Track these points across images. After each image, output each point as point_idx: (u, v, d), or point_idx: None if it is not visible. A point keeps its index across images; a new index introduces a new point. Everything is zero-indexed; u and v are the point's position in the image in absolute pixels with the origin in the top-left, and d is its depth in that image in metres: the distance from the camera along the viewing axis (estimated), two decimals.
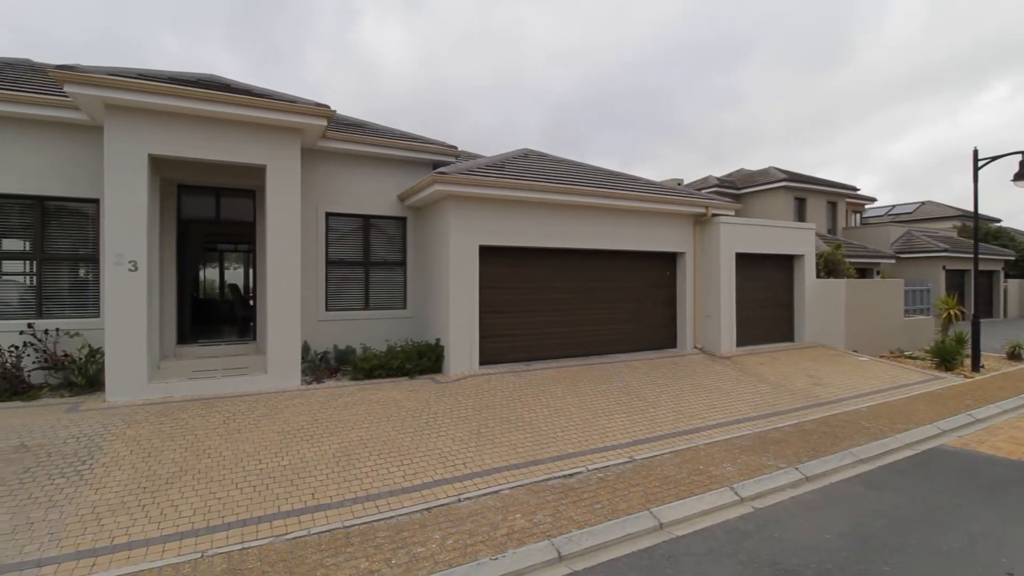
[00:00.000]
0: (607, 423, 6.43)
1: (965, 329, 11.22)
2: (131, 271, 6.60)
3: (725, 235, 10.79)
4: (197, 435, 5.49)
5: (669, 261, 11.08)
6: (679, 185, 20.02)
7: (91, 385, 6.89)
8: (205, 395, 6.87)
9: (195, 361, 8.15)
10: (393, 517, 4.05)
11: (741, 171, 24.73)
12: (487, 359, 8.72)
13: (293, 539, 3.71)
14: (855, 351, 11.33)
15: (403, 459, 5.14)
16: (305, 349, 8.10)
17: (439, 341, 8.55)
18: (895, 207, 33.71)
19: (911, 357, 11.30)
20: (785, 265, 12.28)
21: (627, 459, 5.33)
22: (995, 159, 10.16)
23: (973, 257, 11.13)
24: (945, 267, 21.10)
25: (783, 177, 21.10)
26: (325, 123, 7.62)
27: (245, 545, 3.61)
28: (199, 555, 3.49)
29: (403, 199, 9.46)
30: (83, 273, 7.71)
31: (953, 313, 13.81)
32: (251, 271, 12.83)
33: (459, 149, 10.14)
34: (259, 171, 7.61)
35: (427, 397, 7.09)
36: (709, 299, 10.89)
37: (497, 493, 4.50)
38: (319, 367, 8.19)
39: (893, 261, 20.89)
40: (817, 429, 6.41)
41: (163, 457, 4.94)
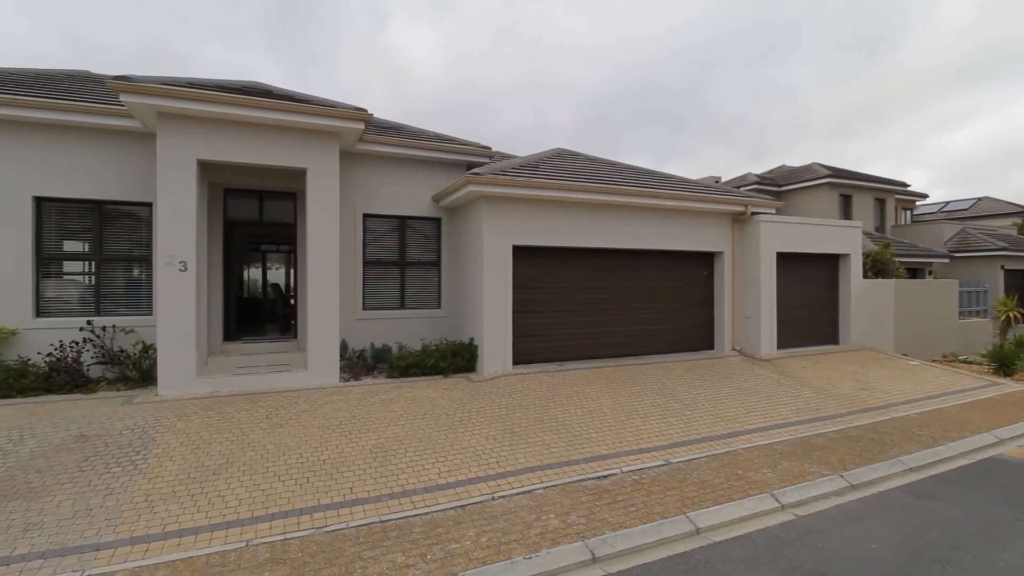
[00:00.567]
0: (642, 425, 6.35)
1: None
2: (181, 271, 6.92)
3: (765, 234, 10.49)
4: (242, 429, 5.71)
5: (706, 261, 10.85)
6: (716, 183, 19.56)
7: (144, 379, 7.25)
8: (249, 390, 7.13)
9: (240, 358, 8.47)
10: (428, 513, 4.12)
11: (782, 167, 23.98)
12: (520, 359, 8.74)
13: (332, 531, 3.81)
14: (905, 355, 10.83)
15: (438, 456, 5.21)
16: (343, 347, 8.30)
17: (473, 340, 8.63)
18: (949, 204, 32.04)
19: (966, 362, 10.72)
20: (829, 265, 11.85)
21: (662, 462, 5.25)
22: None
23: None
24: (1004, 267, 19.91)
25: (827, 173, 20.33)
26: (362, 126, 7.80)
27: (287, 536, 3.74)
28: (244, 544, 3.63)
29: (437, 200, 9.59)
30: (137, 273, 8.12)
31: (1012, 315, 13.02)
32: (292, 271, 13.24)
33: (493, 150, 10.19)
34: (300, 174, 7.85)
35: (461, 396, 7.16)
36: (748, 300, 10.61)
37: (530, 493, 4.51)
38: (357, 365, 8.38)
39: (947, 260, 19.85)
40: (864, 436, 6.16)
41: (211, 449, 5.16)
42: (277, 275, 18.29)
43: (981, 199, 30.58)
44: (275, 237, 13.84)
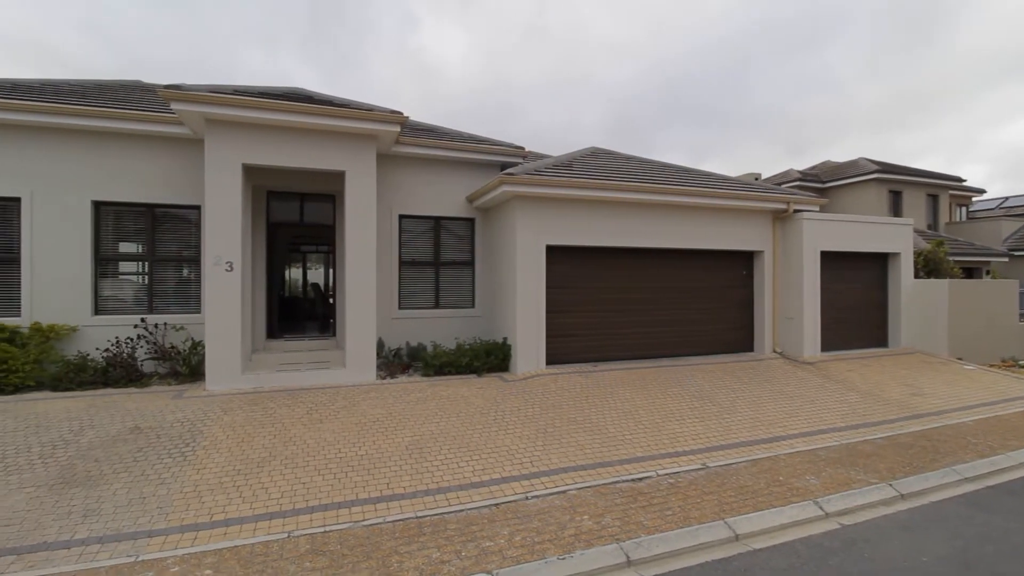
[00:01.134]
0: (678, 428, 6.24)
1: None
2: (228, 271, 7.21)
3: (808, 232, 10.14)
4: (284, 423, 5.90)
5: (746, 260, 10.56)
6: (756, 180, 19.03)
7: (193, 374, 7.58)
8: (291, 386, 7.36)
9: (282, 355, 8.75)
10: (463, 511, 4.16)
11: (826, 163, 23.11)
12: (554, 359, 8.72)
13: (370, 525, 3.90)
14: (959, 359, 10.27)
15: (472, 454, 5.26)
16: (380, 345, 8.47)
17: (506, 340, 8.66)
18: (1008, 199, 30.14)
19: None
20: (877, 264, 11.35)
21: (700, 466, 5.15)
22: None
23: None
24: None
25: (875, 168, 19.47)
26: (399, 129, 7.93)
27: (327, 528, 3.85)
28: (286, 535, 3.76)
29: (471, 200, 9.66)
30: (186, 273, 8.49)
31: None
32: (331, 271, 13.58)
33: (526, 150, 10.20)
34: (338, 177, 8.05)
35: (495, 395, 7.20)
36: (790, 300, 10.28)
37: (564, 493, 4.50)
38: (393, 363, 8.54)
39: (1006, 259, 18.71)
40: (915, 443, 5.89)
41: (255, 443, 5.36)
42: (316, 275, 18.78)
43: None
44: (315, 238, 14.22)
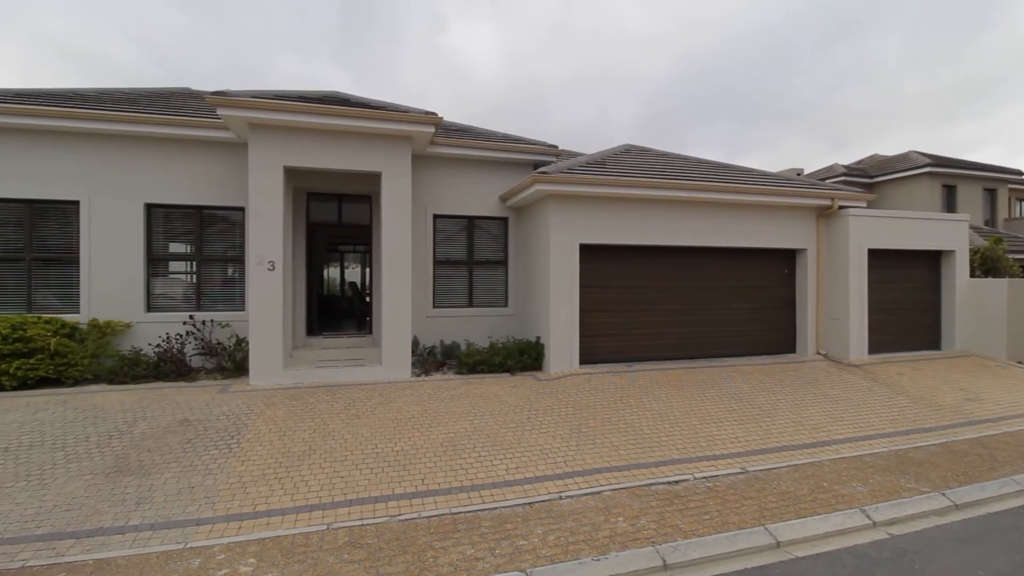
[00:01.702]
0: (716, 430, 6.10)
1: None
2: (270, 271, 7.45)
3: (855, 229, 9.73)
4: (323, 418, 6.06)
5: (787, 258, 10.23)
6: (799, 175, 18.40)
7: (238, 370, 7.87)
8: (329, 382, 7.54)
9: (320, 351, 8.99)
10: (496, 508, 4.18)
11: (874, 157, 22.14)
12: (587, 358, 8.65)
13: (405, 520, 3.96)
14: (1020, 362, 9.68)
15: (505, 453, 5.27)
16: (415, 343, 8.60)
17: (539, 339, 8.64)
18: None
19: None
20: (930, 262, 10.81)
21: (739, 470, 5.02)
22: None
23: None
24: None
25: (927, 162, 18.53)
26: (433, 129, 8.02)
27: (364, 522, 3.93)
28: (325, 527, 3.86)
29: (505, 199, 9.68)
30: (231, 272, 8.82)
31: None
32: (367, 270, 13.86)
33: (559, 148, 10.16)
34: (375, 178, 8.20)
35: (528, 394, 7.20)
36: (835, 300, 9.90)
37: (598, 494, 4.46)
38: (427, 361, 8.65)
39: None
40: (970, 451, 5.58)
41: (295, 436, 5.52)
42: (353, 274, 19.21)
43: None
44: (352, 238, 14.55)
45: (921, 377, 8.68)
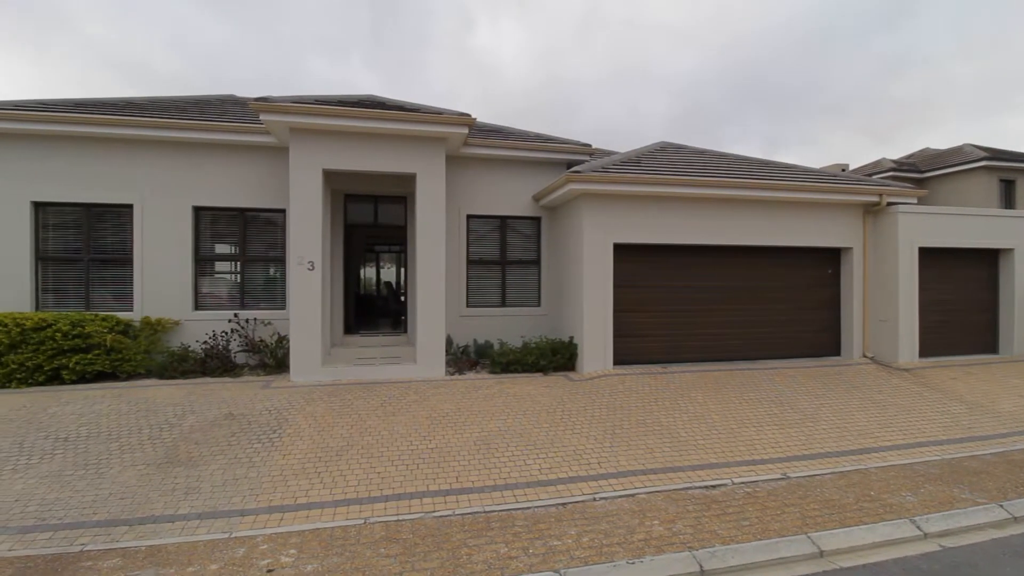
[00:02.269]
0: (755, 434, 5.93)
1: None
2: (309, 270, 7.66)
3: (904, 226, 9.30)
4: (360, 415, 6.19)
5: (832, 257, 9.86)
6: (843, 171, 17.70)
7: (279, 366, 8.12)
8: (366, 380, 7.70)
9: (358, 349, 9.19)
10: (530, 508, 4.18)
11: (925, 151, 21.09)
12: (621, 359, 8.56)
13: (440, 517, 4.01)
14: None
15: (538, 452, 5.27)
16: (448, 342, 8.68)
17: (572, 339, 8.60)
18: None
19: None
20: (987, 261, 10.23)
21: (780, 476, 4.87)
22: None
23: None
24: None
25: (982, 155, 17.51)
26: (467, 130, 8.08)
27: (400, 517, 4.00)
28: (362, 521, 3.94)
29: (537, 199, 9.67)
30: (272, 272, 9.11)
31: None
32: (402, 270, 14.10)
33: (593, 147, 10.08)
34: (409, 179, 8.33)
35: (561, 394, 7.17)
36: (883, 301, 9.48)
37: (633, 496, 4.41)
38: (461, 359, 8.72)
39: None
40: None
41: (334, 432, 5.66)
42: (389, 274, 19.56)
43: None
44: (387, 238, 14.83)
45: (976, 382, 8.22)
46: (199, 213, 8.70)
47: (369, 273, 19.43)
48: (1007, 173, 17.69)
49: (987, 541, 3.92)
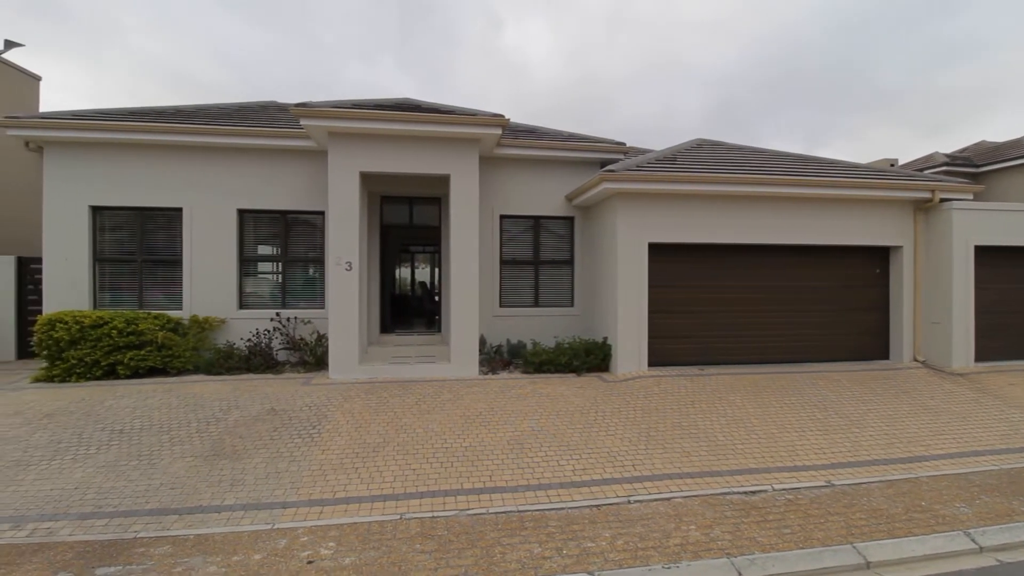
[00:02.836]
0: (797, 440, 5.75)
1: None
2: (347, 271, 7.84)
3: (959, 224, 8.83)
4: (396, 412, 6.30)
5: (879, 256, 9.45)
6: (892, 166, 16.94)
7: (318, 364, 8.35)
8: (401, 378, 7.83)
9: (393, 348, 9.35)
10: (563, 509, 4.17)
11: (981, 144, 19.95)
12: (656, 360, 8.43)
13: (474, 515, 4.04)
14: None
15: (572, 453, 5.24)
16: (482, 342, 8.74)
17: (606, 340, 8.52)
18: None
19: None
20: None
21: (823, 483, 4.71)
22: None
23: None
24: None
25: None
26: (500, 131, 8.12)
27: (435, 514, 4.05)
28: (398, 517, 4.01)
29: (571, 199, 9.63)
30: (312, 272, 9.38)
31: None
32: (436, 270, 14.27)
33: (627, 146, 9.96)
34: (443, 180, 8.42)
35: (595, 395, 7.12)
36: (935, 302, 9.03)
37: (669, 500, 4.34)
38: (494, 359, 8.77)
39: None
40: None
41: (370, 429, 5.78)
42: (423, 274, 19.83)
43: None
44: (422, 239, 15.02)
45: None
46: (243, 216, 9.03)
47: (404, 273, 19.73)
48: None
49: None
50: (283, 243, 9.20)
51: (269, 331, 8.66)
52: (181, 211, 8.77)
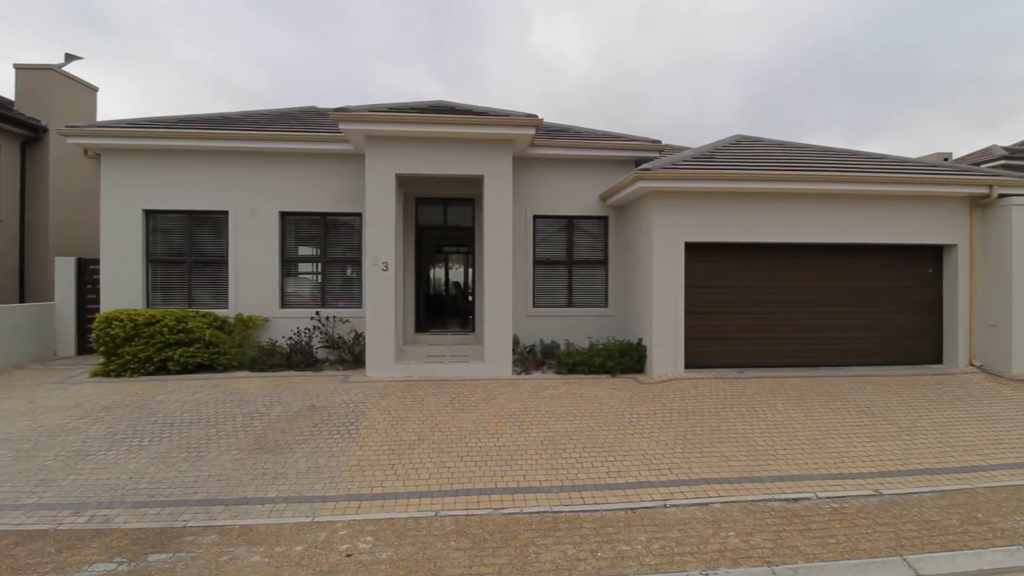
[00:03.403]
0: (842, 446, 5.54)
1: None
2: (384, 271, 8.00)
3: (1019, 221, 8.32)
4: (431, 411, 6.39)
5: (931, 256, 9.00)
6: (945, 160, 16.11)
7: (356, 362, 8.55)
8: (435, 377, 7.93)
9: (428, 347, 9.49)
10: (598, 511, 4.14)
11: None
12: (693, 362, 8.27)
13: (508, 514, 4.06)
14: None
15: (606, 455, 5.20)
16: (515, 342, 8.77)
17: (641, 341, 8.41)
18: None
19: None
20: None
21: (871, 492, 4.52)
22: None
23: None
24: None
25: None
26: (534, 131, 8.13)
27: (469, 512, 4.09)
28: (433, 514, 4.07)
29: (604, 198, 9.55)
30: (349, 272, 9.61)
31: None
32: (470, 270, 14.37)
33: (663, 143, 9.81)
34: (478, 181, 8.49)
35: (629, 397, 7.04)
36: (993, 304, 8.54)
37: (707, 505, 4.25)
38: (527, 359, 8.78)
39: None
40: None
41: (406, 426, 5.88)
42: (457, 274, 19.98)
43: None
44: (456, 239, 15.17)
45: None
46: (285, 218, 9.33)
47: (438, 273, 19.93)
48: None
49: None
50: (322, 244, 9.45)
51: (309, 330, 8.91)
52: (227, 214, 9.13)
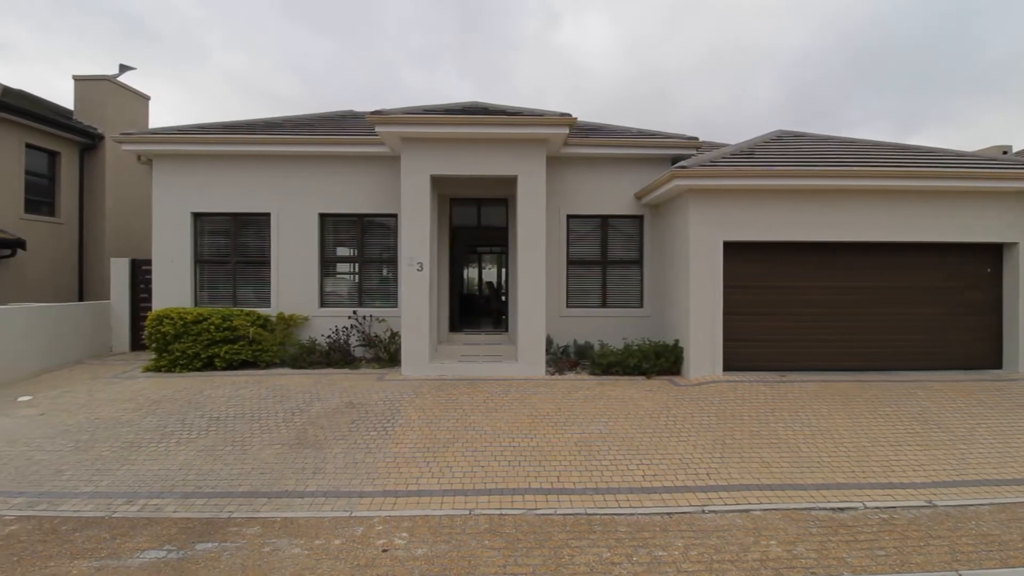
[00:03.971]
0: (892, 455, 5.29)
1: None
2: (419, 271, 8.11)
3: None
4: (464, 410, 6.44)
5: (989, 254, 8.50)
6: (1004, 154, 15.19)
7: (392, 361, 8.69)
8: (469, 376, 7.99)
9: (462, 347, 9.56)
10: (633, 514, 4.08)
11: None
12: (732, 365, 8.06)
13: (541, 515, 4.05)
14: None
15: (642, 458, 5.13)
16: (548, 342, 8.74)
17: (678, 342, 8.25)
18: None
19: None
20: None
21: (924, 503, 4.30)
22: None
23: None
24: None
25: None
26: (567, 131, 8.08)
27: (503, 512, 4.10)
28: (467, 512, 4.10)
29: (639, 197, 9.41)
30: (385, 272, 9.78)
31: None
32: (503, 270, 14.42)
33: (700, 140, 9.59)
34: (511, 181, 8.50)
35: (665, 399, 6.91)
36: None
37: (747, 512, 4.14)
38: (561, 359, 8.74)
39: None
40: None
41: (440, 425, 5.94)
42: (490, 274, 20.08)
43: None
44: (489, 239, 15.23)
45: None
46: (324, 219, 9.57)
47: (472, 273, 20.09)
48: None
49: None
50: (359, 245, 9.66)
51: (347, 328, 9.12)
52: (269, 216, 9.43)
